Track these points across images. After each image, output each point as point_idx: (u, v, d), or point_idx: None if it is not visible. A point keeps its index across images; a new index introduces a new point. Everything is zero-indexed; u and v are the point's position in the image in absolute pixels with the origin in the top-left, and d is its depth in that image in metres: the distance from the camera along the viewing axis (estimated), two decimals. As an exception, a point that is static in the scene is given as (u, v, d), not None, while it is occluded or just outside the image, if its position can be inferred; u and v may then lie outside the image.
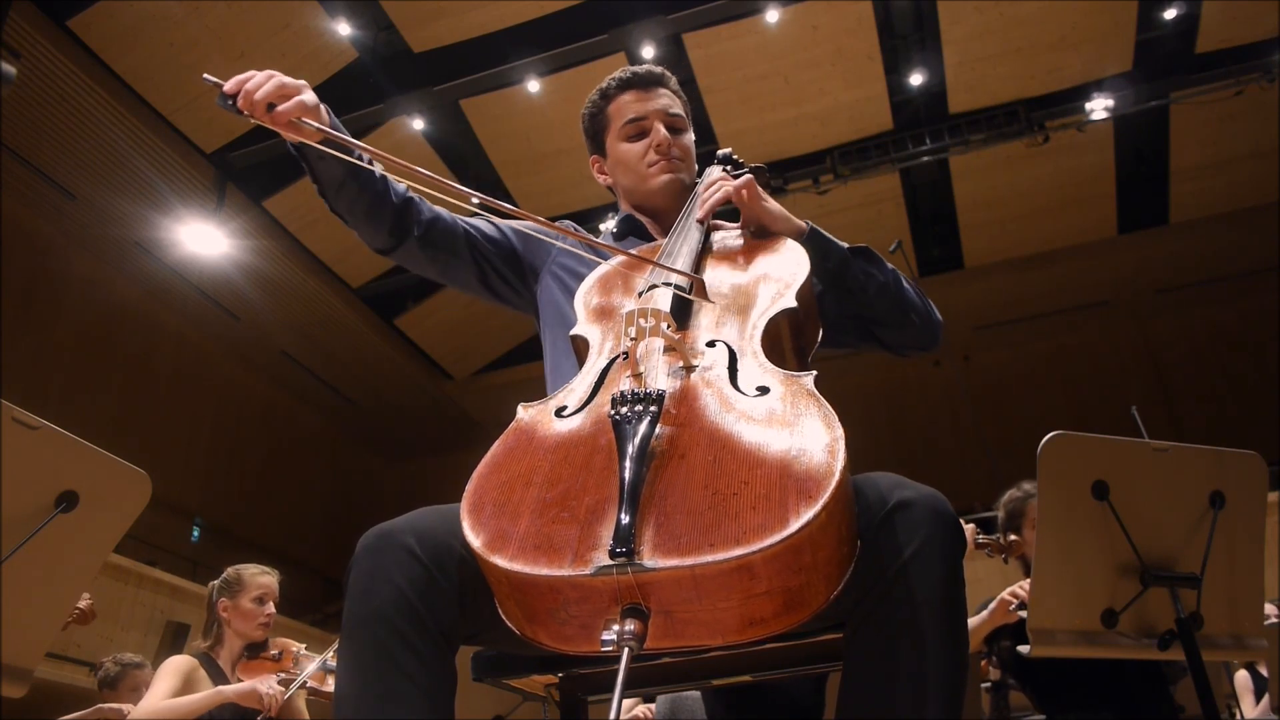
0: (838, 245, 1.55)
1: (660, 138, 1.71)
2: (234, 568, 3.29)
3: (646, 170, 1.72)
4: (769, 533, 0.91)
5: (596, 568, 0.92)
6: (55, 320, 10.18)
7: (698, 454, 1.03)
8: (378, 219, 1.56)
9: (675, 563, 0.91)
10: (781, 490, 0.96)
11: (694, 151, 1.80)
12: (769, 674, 1.32)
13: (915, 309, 1.59)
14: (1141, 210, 11.68)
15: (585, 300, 1.45)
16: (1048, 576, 1.80)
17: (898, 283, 1.58)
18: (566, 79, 9.54)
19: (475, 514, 1.04)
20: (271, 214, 10.59)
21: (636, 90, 1.76)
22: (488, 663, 1.34)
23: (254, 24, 8.79)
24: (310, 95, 1.39)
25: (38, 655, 1.57)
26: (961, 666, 1.08)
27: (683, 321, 1.31)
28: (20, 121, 8.68)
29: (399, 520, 1.15)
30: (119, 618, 8.25)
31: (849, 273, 1.54)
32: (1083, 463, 1.80)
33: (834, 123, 10.23)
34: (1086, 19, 9.14)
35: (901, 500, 1.09)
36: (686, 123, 1.80)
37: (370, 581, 1.09)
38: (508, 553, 0.98)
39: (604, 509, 0.98)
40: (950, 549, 1.09)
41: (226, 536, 12.05)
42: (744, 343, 1.25)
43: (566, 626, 0.98)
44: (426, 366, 13.80)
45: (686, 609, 0.94)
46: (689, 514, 0.96)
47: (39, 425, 1.52)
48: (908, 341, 1.63)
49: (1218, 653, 1.84)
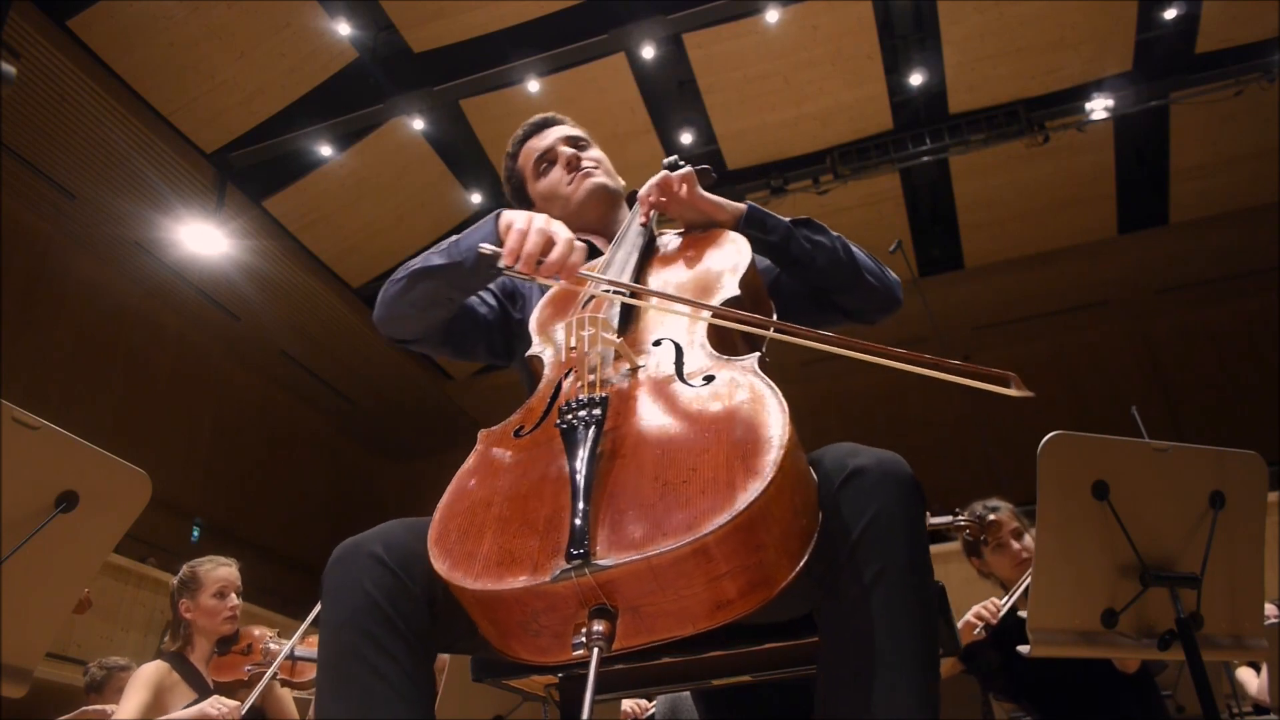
0: (778, 219, 1.57)
1: (566, 155, 1.80)
2: (188, 565, 3.21)
3: (568, 190, 1.79)
4: (719, 513, 0.93)
5: (556, 573, 0.94)
6: (55, 320, 10.17)
7: (646, 449, 1.05)
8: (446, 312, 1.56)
9: (631, 557, 0.92)
10: (729, 471, 0.97)
11: (608, 162, 1.86)
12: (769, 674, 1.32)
13: (869, 270, 1.60)
14: (1141, 210, 11.67)
15: (536, 323, 1.49)
16: (1048, 576, 1.80)
17: (846, 248, 1.60)
18: (566, 79, 9.54)
19: (441, 543, 1.06)
20: (271, 214, 10.59)
21: (533, 137, 1.88)
22: (488, 663, 1.34)
23: (254, 24, 8.79)
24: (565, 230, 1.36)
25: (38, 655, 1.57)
26: (931, 628, 1.07)
27: (628, 325, 1.34)
28: (20, 121, 8.68)
29: (367, 532, 1.19)
30: (119, 618, 8.25)
31: (793, 245, 1.56)
32: (1083, 463, 1.80)
33: (834, 123, 10.23)
34: (1086, 19, 9.14)
35: (856, 467, 1.10)
36: (590, 141, 1.87)
37: (340, 590, 1.13)
38: (473, 574, 1.00)
39: (561, 517, 1.00)
40: (909, 511, 1.09)
41: (226, 536, 12.04)
42: (690, 336, 1.27)
43: (540, 638, 1.00)
44: (426, 366, 13.80)
45: (652, 602, 0.95)
46: (641, 508, 0.97)
47: (39, 425, 1.52)
48: (869, 304, 1.63)
49: (1218, 653, 1.84)
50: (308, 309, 11.86)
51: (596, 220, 1.78)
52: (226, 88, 9.24)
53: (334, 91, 9.57)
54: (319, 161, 10.26)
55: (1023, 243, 11.87)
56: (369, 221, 11.08)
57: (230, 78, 9.16)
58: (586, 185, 1.77)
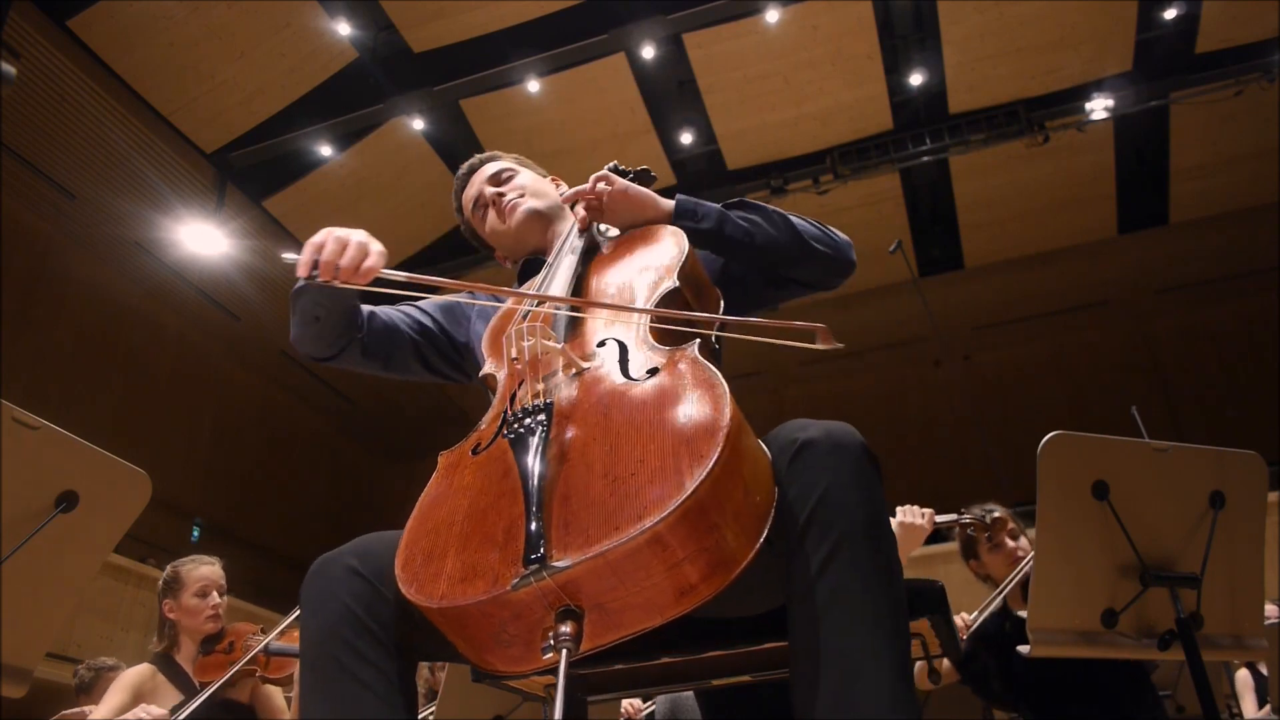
0: (709, 207, 1.58)
1: (490, 196, 1.85)
2: (171, 565, 3.21)
3: (503, 227, 1.84)
4: (668, 501, 0.93)
5: (515, 581, 0.95)
6: (55, 320, 10.17)
7: (594, 448, 1.06)
8: (349, 322, 1.61)
9: (586, 555, 0.93)
10: (675, 458, 0.98)
11: (537, 181, 1.90)
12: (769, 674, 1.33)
13: (814, 238, 1.59)
14: (1141, 210, 11.68)
15: (485, 342, 1.50)
16: (1048, 576, 1.80)
17: (784, 221, 1.58)
18: (566, 79, 9.54)
19: (407, 568, 1.07)
20: (271, 214, 10.60)
21: (465, 189, 1.93)
22: (487, 663, 1.34)
23: (254, 24, 8.79)
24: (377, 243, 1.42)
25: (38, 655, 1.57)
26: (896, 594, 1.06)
27: (574, 331, 1.35)
28: (20, 121, 8.68)
29: (343, 546, 1.21)
30: (119, 618, 8.26)
31: (728, 227, 1.56)
32: (1083, 463, 1.80)
33: (834, 123, 10.23)
34: (1086, 19, 9.14)
35: (805, 440, 1.09)
36: (514, 169, 1.92)
37: (317, 601, 1.15)
38: (438, 594, 1.01)
39: (518, 526, 1.01)
40: (861, 478, 1.08)
41: (226, 536, 12.04)
42: (634, 334, 1.28)
43: (512, 647, 1.00)
44: (426, 366, 13.79)
45: (615, 597, 0.95)
46: (591, 506, 0.98)
47: (39, 425, 1.51)
48: (822, 271, 1.62)
49: (1218, 653, 1.84)
50: (308, 309, 11.84)
51: (538, 241, 1.83)
52: (226, 88, 9.25)
53: (334, 91, 9.57)
54: (319, 161, 10.26)
55: (1023, 243, 11.88)
56: (369, 221, 10.86)
57: (230, 78, 9.17)
58: (515, 217, 1.81)
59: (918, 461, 12.08)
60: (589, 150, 10.29)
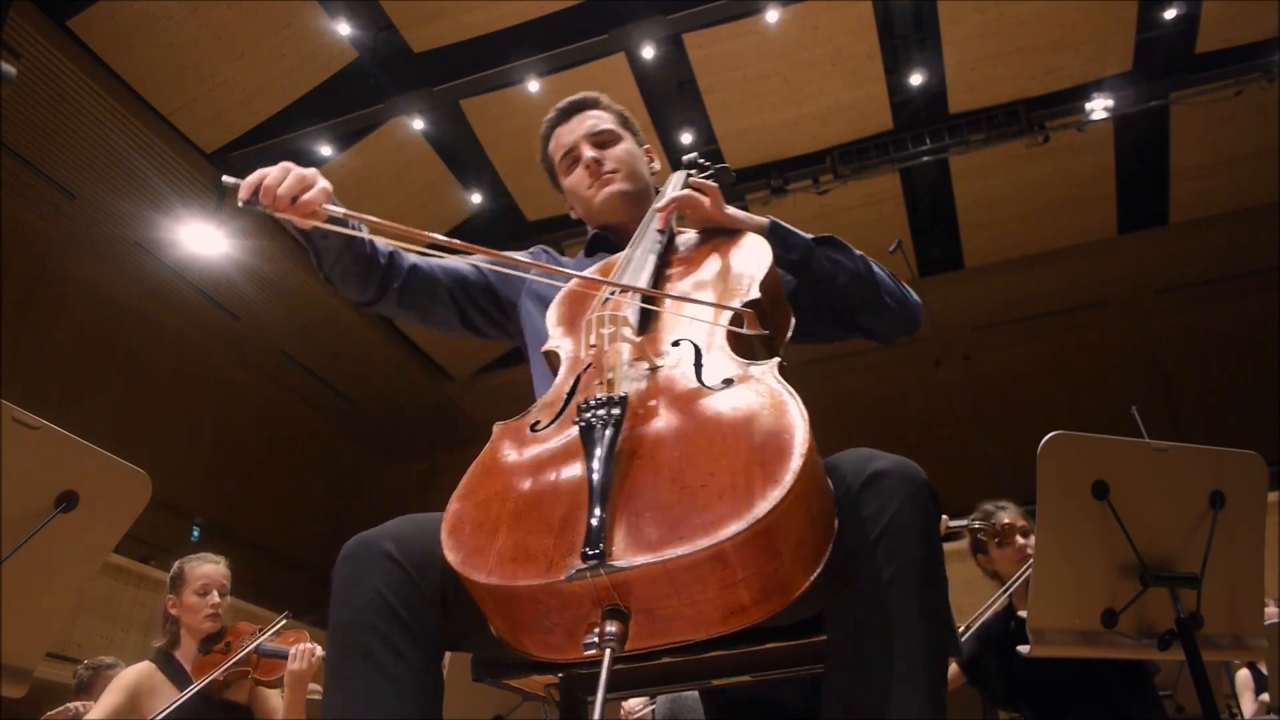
0: (800, 236, 1.57)
1: (586, 159, 1.78)
2: (179, 562, 3.19)
3: (588, 194, 1.78)
4: (737, 519, 0.92)
5: (571, 573, 0.93)
6: (55, 320, 10.17)
7: (665, 451, 1.04)
8: (368, 277, 1.61)
9: (647, 559, 0.92)
10: (748, 477, 0.96)
11: (635, 158, 1.83)
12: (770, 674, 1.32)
13: (889, 292, 1.59)
14: (1141, 210, 11.67)
15: (553, 318, 1.48)
16: (1048, 576, 1.80)
17: (868, 268, 1.59)
18: (566, 79, 9.53)
19: (455, 534, 1.05)
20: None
21: (562, 124, 1.85)
22: (487, 663, 1.34)
23: (254, 24, 8.79)
24: (324, 180, 1.42)
25: (38, 655, 1.57)
26: (941, 632, 1.08)
27: (648, 325, 1.33)
28: (20, 121, 8.68)
29: (378, 528, 1.18)
30: (119, 618, 8.26)
31: (814, 262, 1.55)
32: (1083, 463, 1.80)
33: (834, 123, 10.23)
34: (1086, 19, 9.14)
35: (875, 471, 1.10)
36: (619, 133, 1.84)
37: (350, 587, 1.12)
38: (486, 568, 0.99)
39: (577, 515, 0.99)
40: (925, 516, 1.09)
41: (226, 536, 12.03)
42: (709, 339, 1.26)
43: (552, 635, 0.99)
44: (426, 366, 13.80)
45: (666, 605, 0.94)
46: (658, 510, 0.96)
47: (39, 425, 1.51)
48: (888, 326, 1.63)
49: (1218, 653, 1.84)
50: (308, 309, 11.86)
51: (617, 223, 1.79)
52: (226, 88, 9.25)
53: (334, 91, 9.57)
54: (319, 161, 10.25)
55: (1023, 243, 11.87)
56: (369, 221, 11.06)
57: (230, 78, 9.17)
58: (604, 194, 1.76)
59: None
60: (589, 150, 10.28)
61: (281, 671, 3.00)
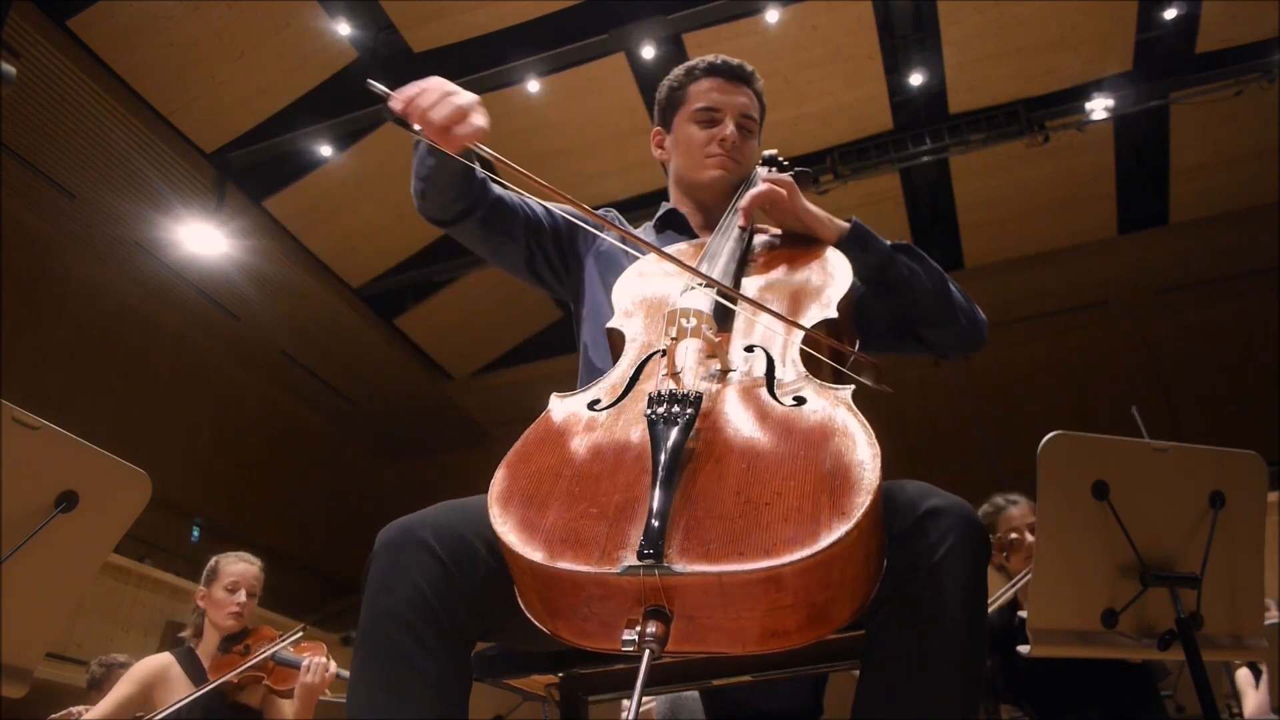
0: (880, 242, 1.54)
1: (728, 133, 1.70)
2: (216, 557, 3.26)
3: (704, 159, 1.71)
4: (800, 546, 0.90)
5: (624, 567, 0.91)
6: (55, 320, 10.17)
7: (732, 460, 1.02)
8: (461, 197, 1.56)
9: (703, 569, 0.90)
10: (815, 504, 0.95)
11: (756, 158, 1.78)
12: (770, 674, 1.32)
13: (961, 308, 1.57)
14: (1141, 210, 11.66)
15: (623, 294, 1.44)
16: (1048, 576, 1.80)
17: (943, 281, 1.57)
18: (566, 79, 9.53)
19: (503, 503, 1.03)
20: (271, 214, 10.59)
21: (722, 79, 1.76)
22: (487, 662, 1.33)
23: (254, 24, 8.79)
24: (481, 117, 1.38)
25: (38, 655, 1.57)
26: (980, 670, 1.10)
27: (722, 324, 1.29)
28: (20, 121, 8.68)
29: (419, 515, 1.15)
30: (119, 618, 8.25)
31: (893, 269, 1.53)
32: (1083, 463, 1.80)
33: (834, 123, 10.22)
34: (1086, 19, 9.13)
35: (932, 508, 1.10)
36: (757, 129, 1.80)
37: (388, 579, 1.09)
38: (534, 544, 0.97)
39: (634, 508, 0.98)
40: (976, 555, 1.10)
41: (226, 536, 12.01)
42: (783, 351, 1.24)
43: (589, 623, 0.97)
44: (426, 366, 13.79)
45: (710, 616, 0.93)
46: (720, 520, 0.95)
47: (39, 425, 1.51)
48: (953, 341, 1.62)
49: (1218, 653, 1.84)
50: (308, 309, 11.85)
51: (704, 204, 1.73)
52: (226, 88, 9.24)
53: (334, 91, 9.56)
54: (319, 161, 10.26)
55: (1023, 243, 11.87)
56: (369, 221, 11.07)
57: (230, 78, 9.16)
58: (720, 173, 1.70)
59: (918, 461, 12.08)
60: (589, 150, 10.29)
61: (294, 682, 3.01)
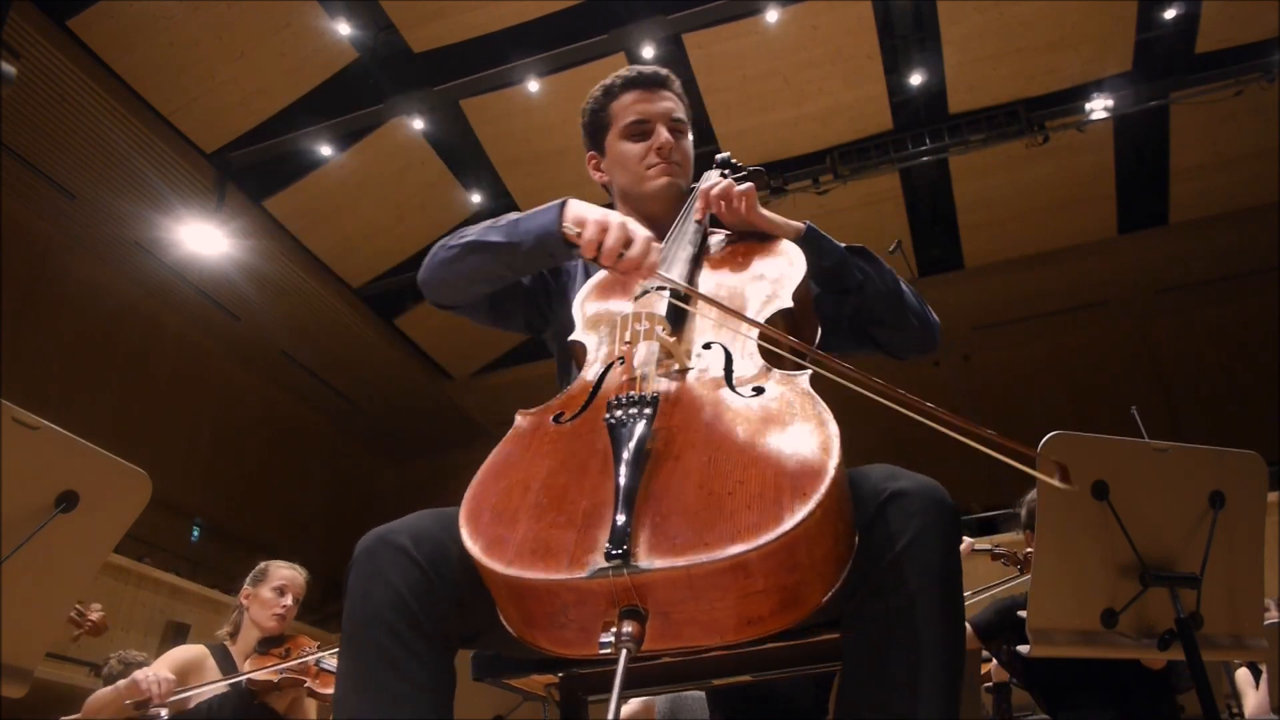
0: (835, 245, 1.55)
1: (662, 140, 1.69)
2: (265, 562, 3.36)
3: (645, 172, 1.70)
4: (763, 531, 0.92)
5: (592, 570, 0.92)
6: (55, 320, 10.17)
7: (693, 455, 1.03)
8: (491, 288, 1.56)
9: (670, 563, 0.91)
10: (776, 489, 0.96)
11: (693, 157, 1.78)
12: (769, 674, 1.32)
13: (913, 310, 1.59)
14: (1141, 210, 11.67)
15: (582, 306, 1.46)
16: (1047, 576, 1.80)
17: (896, 284, 1.58)
18: (566, 79, 9.54)
19: (473, 521, 1.04)
20: (271, 214, 10.59)
21: (642, 90, 1.74)
22: (488, 663, 1.34)
23: (254, 24, 8.79)
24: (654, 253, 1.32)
25: (38, 655, 1.57)
26: (959, 654, 1.08)
27: (679, 325, 1.31)
28: (20, 121, 8.68)
29: (396, 523, 1.16)
30: (119, 618, 8.24)
31: (846, 272, 1.54)
32: (1082, 463, 1.80)
33: (834, 123, 10.23)
34: (1086, 19, 9.14)
35: (897, 490, 1.10)
36: (688, 128, 1.78)
37: (368, 584, 1.10)
38: (505, 558, 0.98)
39: (600, 512, 0.99)
40: (946, 536, 1.09)
41: (226, 536, 12.04)
42: (740, 343, 1.25)
43: (565, 630, 0.98)
44: (426, 366, 13.79)
45: (683, 609, 0.94)
46: (684, 514, 0.96)
47: (39, 425, 1.51)
48: (906, 344, 1.63)
49: (1218, 653, 1.84)
50: (308, 309, 11.86)
51: (654, 214, 1.70)
52: (226, 88, 9.25)
53: (334, 91, 9.57)
54: (319, 161, 10.26)
55: (1023, 243, 11.87)
56: (369, 221, 11.08)
57: (230, 78, 9.16)
58: (664, 181, 1.69)
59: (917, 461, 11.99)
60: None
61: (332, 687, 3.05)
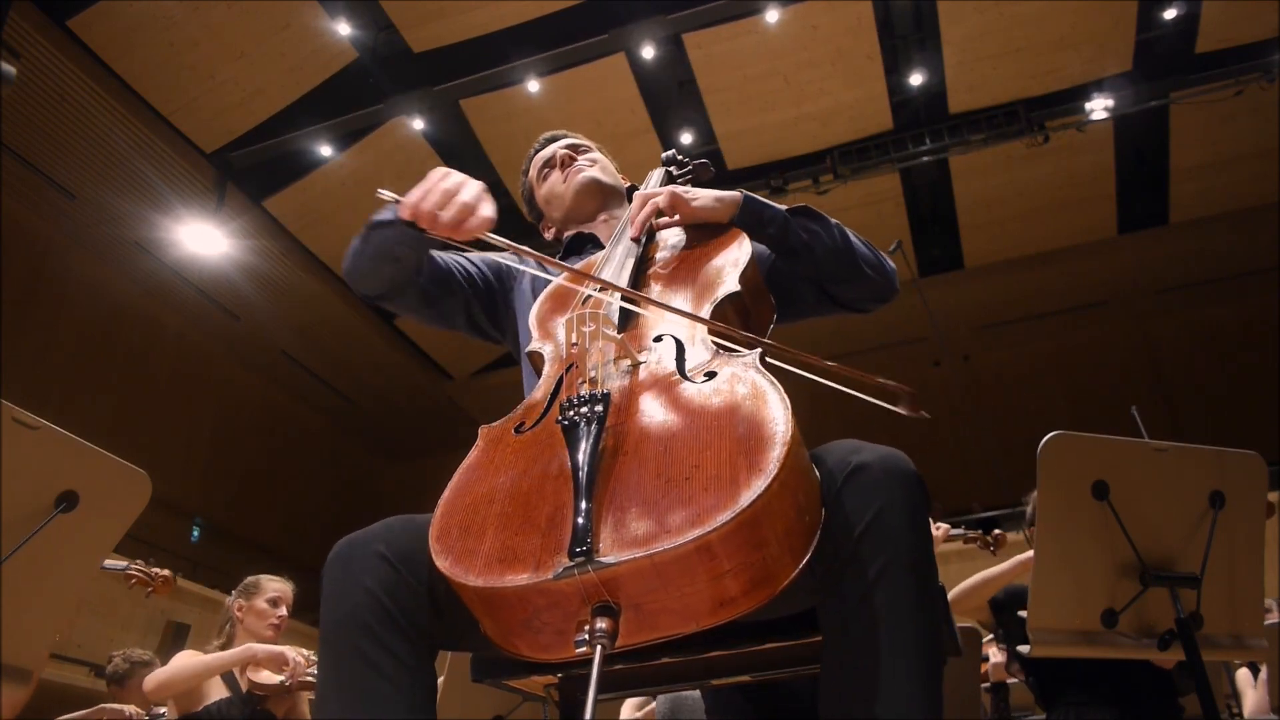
0: (774, 208, 1.56)
1: (560, 156, 1.89)
2: (253, 576, 3.51)
3: (562, 188, 1.86)
4: (722, 510, 0.92)
5: (559, 571, 0.93)
6: (55, 320, 10.17)
7: (649, 446, 1.04)
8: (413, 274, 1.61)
9: (634, 554, 0.92)
10: (732, 468, 0.97)
11: (606, 161, 1.92)
12: (769, 674, 1.32)
13: (867, 261, 1.57)
14: (1141, 210, 11.67)
15: (536, 317, 1.48)
16: (1048, 576, 1.80)
17: (845, 239, 1.57)
18: (566, 79, 9.54)
19: (442, 539, 1.05)
20: (271, 214, 10.59)
21: (540, 151, 1.98)
22: (487, 663, 1.34)
23: (254, 24, 8.79)
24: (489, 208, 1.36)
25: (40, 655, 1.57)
26: (936, 625, 1.07)
27: (630, 321, 1.33)
28: (20, 121, 8.68)
29: (367, 529, 1.18)
30: (119, 617, 8.25)
31: (791, 234, 1.54)
32: (1083, 463, 1.80)
33: (834, 123, 10.23)
34: (1086, 19, 9.14)
35: (859, 463, 1.09)
36: (591, 146, 1.95)
37: (341, 587, 1.12)
38: (474, 571, 0.99)
39: (563, 514, 0.99)
40: (912, 507, 1.08)
41: (226, 536, 12.03)
42: (691, 332, 1.27)
43: (542, 635, 0.99)
44: (426, 366, 13.79)
45: (655, 599, 0.94)
46: (643, 505, 0.97)
47: (39, 425, 1.51)
48: (865, 294, 1.61)
49: (1218, 653, 1.84)
50: (308, 309, 11.86)
51: (592, 213, 1.83)
52: (226, 88, 9.25)
53: (334, 91, 9.57)
54: (319, 161, 10.26)
55: (1023, 243, 11.87)
56: (369, 221, 11.07)
57: (230, 78, 9.16)
58: (577, 180, 1.83)
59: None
60: (589, 150, 10.28)
61: None
